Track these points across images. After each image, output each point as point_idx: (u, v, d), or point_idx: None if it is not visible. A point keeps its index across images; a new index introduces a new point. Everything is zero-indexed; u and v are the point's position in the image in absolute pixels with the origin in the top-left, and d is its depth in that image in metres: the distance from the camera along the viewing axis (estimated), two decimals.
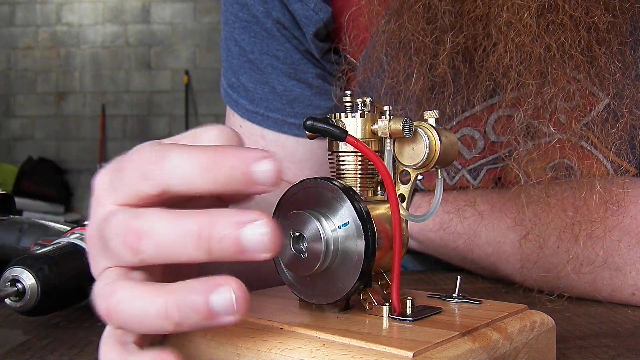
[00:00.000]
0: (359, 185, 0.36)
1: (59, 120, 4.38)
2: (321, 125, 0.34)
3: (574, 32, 0.46)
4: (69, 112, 4.38)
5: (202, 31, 4.32)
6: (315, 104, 0.67)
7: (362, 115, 0.36)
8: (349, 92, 0.36)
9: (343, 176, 0.36)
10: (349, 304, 0.35)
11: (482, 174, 0.62)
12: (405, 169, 0.37)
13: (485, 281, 0.63)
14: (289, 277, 0.35)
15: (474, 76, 0.52)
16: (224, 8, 0.68)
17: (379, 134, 0.36)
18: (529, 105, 0.49)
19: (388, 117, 0.35)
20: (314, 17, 0.62)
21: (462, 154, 0.62)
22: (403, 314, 0.33)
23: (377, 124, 0.36)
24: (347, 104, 0.36)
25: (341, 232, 0.33)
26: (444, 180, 0.63)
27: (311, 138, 0.36)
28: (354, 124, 0.36)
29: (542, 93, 0.48)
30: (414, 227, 0.65)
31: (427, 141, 0.35)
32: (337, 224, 0.33)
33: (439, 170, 0.38)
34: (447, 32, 0.49)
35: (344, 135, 0.34)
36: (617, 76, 0.48)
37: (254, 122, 0.68)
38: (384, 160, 0.36)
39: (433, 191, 0.64)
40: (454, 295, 0.38)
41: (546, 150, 0.52)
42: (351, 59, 0.63)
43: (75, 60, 4.37)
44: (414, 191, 0.56)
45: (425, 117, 0.37)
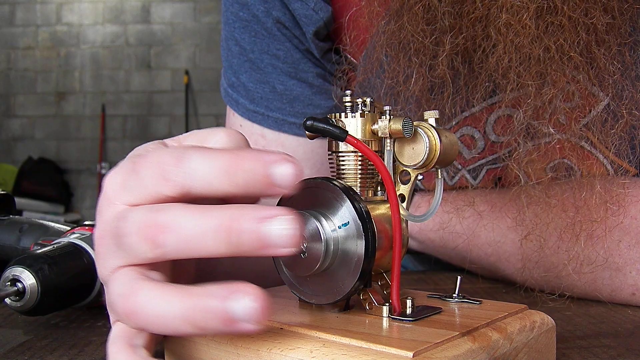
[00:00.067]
0: (359, 185, 0.36)
1: (59, 120, 4.38)
2: (321, 125, 0.34)
3: (573, 34, 0.46)
4: (69, 112, 4.38)
5: (202, 31, 4.32)
6: (315, 103, 0.67)
7: (362, 115, 0.36)
8: (349, 92, 0.36)
9: (343, 176, 0.36)
10: (349, 304, 0.35)
11: (482, 174, 0.62)
12: (405, 169, 0.37)
13: (485, 281, 0.63)
14: (289, 277, 0.35)
15: (473, 77, 0.52)
16: (224, 8, 0.68)
17: (379, 134, 0.36)
18: (528, 106, 0.49)
19: (388, 117, 0.35)
20: (314, 16, 0.62)
21: (462, 153, 0.62)
22: (403, 314, 0.33)
23: (377, 124, 0.36)
24: (347, 104, 0.36)
25: (341, 232, 0.33)
26: (444, 180, 0.63)
27: (311, 138, 0.36)
28: (354, 124, 0.36)
29: (541, 94, 0.48)
30: (414, 227, 0.65)
31: (427, 141, 0.35)
32: (337, 224, 0.33)
33: (439, 170, 0.38)
34: (447, 33, 0.49)
35: (344, 135, 0.34)
36: (616, 77, 0.48)
37: (254, 121, 0.68)
38: (384, 160, 0.36)
39: (433, 191, 0.64)
40: (454, 295, 0.38)
41: (546, 151, 0.52)
42: (351, 58, 0.63)
43: (75, 60, 4.37)
44: (414, 191, 0.56)
45: (425, 117, 0.37)
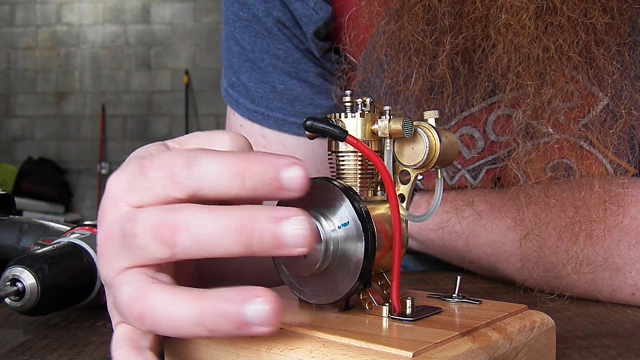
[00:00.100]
0: (358, 185, 0.36)
1: (59, 120, 4.38)
2: (321, 125, 0.34)
3: (572, 34, 0.46)
4: (69, 112, 4.38)
5: (202, 31, 4.32)
6: (315, 102, 0.67)
7: (362, 115, 0.36)
8: (348, 92, 0.36)
9: (343, 176, 0.36)
10: (349, 304, 0.35)
11: (482, 174, 0.62)
12: (405, 169, 0.37)
13: (485, 281, 0.63)
14: (289, 277, 0.35)
15: (473, 77, 0.52)
16: (224, 7, 0.68)
17: (379, 134, 0.36)
18: (527, 105, 0.49)
19: (388, 117, 0.35)
20: (314, 16, 0.62)
21: (461, 153, 0.62)
22: (403, 314, 0.33)
23: (377, 124, 0.36)
24: (347, 104, 0.36)
25: (341, 232, 0.33)
26: (444, 180, 0.63)
27: (311, 138, 0.36)
28: (353, 124, 0.36)
29: (540, 94, 0.48)
30: (414, 227, 0.65)
31: (427, 141, 0.35)
32: (337, 224, 0.33)
33: (439, 170, 0.38)
34: (447, 34, 0.49)
35: (343, 135, 0.34)
36: (615, 77, 0.48)
37: (254, 121, 0.68)
38: (383, 160, 0.36)
39: (433, 191, 0.64)
40: (454, 295, 0.38)
41: (545, 151, 0.52)
42: (351, 58, 0.63)
43: (75, 60, 4.37)
44: (413, 191, 0.56)
45: (425, 117, 0.37)
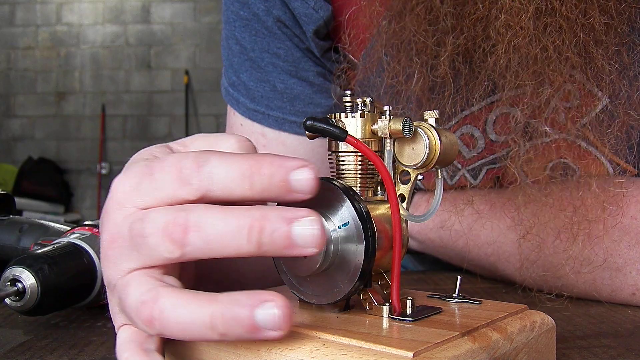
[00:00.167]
0: (359, 185, 0.36)
1: (59, 120, 4.38)
2: (321, 125, 0.34)
3: (570, 34, 0.46)
4: (69, 112, 4.38)
5: (202, 31, 4.32)
6: (316, 102, 0.67)
7: (362, 115, 0.36)
8: (349, 92, 0.36)
9: (343, 176, 0.36)
10: (349, 304, 0.35)
11: (482, 173, 0.62)
12: (405, 169, 0.37)
13: (485, 281, 0.63)
14: (289, 277, 0.35)
15: (473, 77, 0.52)
16: (224, 7, 0.68)
17: (379, 134, 0.36)
18: (525, 105, 0.49)
19: (388, 117, 0.35)
20: (314, 15, 0.62)
21: (461, 153, 0.62)
22: (403, 314, 0.33)
23: (377, 124, 0.36)
24: (347, 103, 0.36)
25: (341, 232, 0.33)
26: (444, 180, 0.63)
27: (311, 138, 0.36)
28: (354, 124, 0.35)
29: (538, 94, 0.48)
30: (414, 227, 0.65)
31: (427, 141, 0.35)
32: (337, 224, 0.33)
33: (439, 170, 0.38)
34: (449, 34, 0.49)
35: (344, 135, 0.34)
36: (613, 77, 0.48)
37: (254, 120, 0.68)
38: (384, 160, 0.36)
39: (433, 191, 0.64)
40: (454, 295, 0.38)
41: (543, 151, 0.52)
42: (351, 57, 0.63)
43: (75, 60, 4.37)
44: (414, 191, 0.56)
45: (425, 117, 0.37)
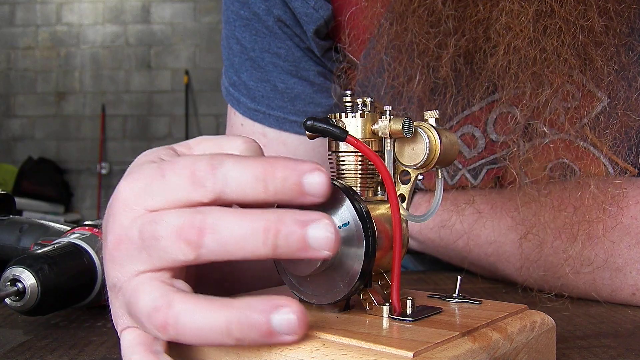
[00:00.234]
0: (359, 185, 0.36)
1: (59, 120, 4.38)
2: (321, 125, 0.34)
3: (569, 35, 0.46)
4: (69, 112, 4.38)
5: (202, 31, 4.32)
6: (316, 101, 0.67)
7: (362, 115, 0.36)
8: (349, 92, 0.36)
9: (343, 176, 0.36)
10: (349, 304, 0.35)
11: (483, 173, 0.62)
12: (405, 169, 0.37)
13: (485, 281, 0.63)
14: (289, 277, 0.35)
15: (474, 78, 0.52)
16: (225, 6, 0.68)
17: (379, 134, 0.36)
18: (524, 106, 0.49)
19: (388, 117, 0.35)
20: (315, 14, 0.62)
21: (462, 153, 0.62)
22: (403, 314, 0.33)
23: (378, 124, 0.36)
24: (347, 103, 0.36)
25: (341, 232, 0.32)
26: (444, 179, 0.63)
27: (311, 138, 0.36)
28: (354, 124, 0.36)
29: (537, 95, 0.48)
30: (414, 227, 0.65)
31: (427, 141, 0.35)
32: (337, 224, 0.33)
33: (439, 170, 0.38)
34: (450, 36, 0.50)
35: (344, 135, 0.34)
36: (612, 77, 0.49)
37: (255, 120, 0.68)
38: (384, 160, 0.36)
39: (433, 191, 0.64)
40: (454, 295, 0.38)
41: (542, 151, 0.52)
42: (351, 57, 0.63)
43: (75, 60, 4.37)
44: (414, 191, 0.56)
45: (425, 117, 0.37)
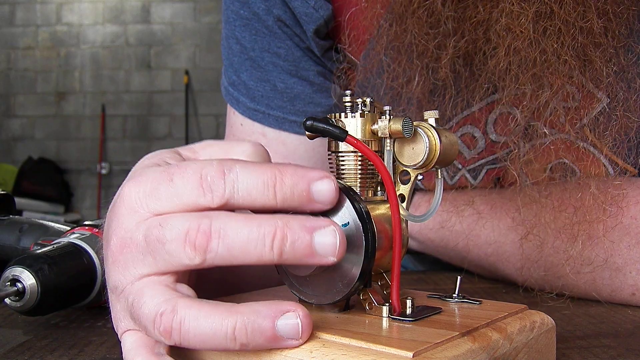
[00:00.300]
0: (359, 185, 0.36)
1: (59, 120, 4.38)
2: (321, 125, 0.34)
3: (569, 37, 0.46)
4: (69, 112, 4.38)
5: (202, 31, 4.32)
6: (316, 101, 0.67)
7: (362, 116, 0.36)
8: (349, 92, 0.36)
9: (343, 176, 0.36)
10: (349, 304, 0.35)
11: (482, 174, 0.62)
12: (405, 169, 0.37)
13: (485, 281, 0.63)
14: (289, 277, 0.35)
15: (474, 79, 0.52)
16: (224, 6, 0.68)
17: (379, 134, 0.36)
18: (524, 107, 0.49)
19: (388, 117, 0.35)
20: (315, 14, 0.62)
21: (462, 153, 0.62)
22: (403, 314, 0.33)
23: (377, 124, 0.36)
24: (347, 104, 0.36)
25: None
26: (444, 180, 0.63)
27: (311, 138, 0.36)
28: (354, 124, 0.36)
29: (537, 96, 0.49)
30: (414, 227, 0.65)
31: (427, 141, 0.35)
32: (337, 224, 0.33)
33: (439, 170, 0.38)
34: (450, 37, 0.50)
35: (344, 136, 0.34)
36: (611, 79, 0.49)
37: (254, 120, 0.68)
38: (384, 160, 0.36)
39: (433, 191, 0.64)
40: (454, 295, 0.38)
41: (542, 152, 0.52)
42: (351, 57, 0.63)
43: (75, 60, 4.37)
44: (414, 191, 0.56)
45: (425, 117, 0.37)
